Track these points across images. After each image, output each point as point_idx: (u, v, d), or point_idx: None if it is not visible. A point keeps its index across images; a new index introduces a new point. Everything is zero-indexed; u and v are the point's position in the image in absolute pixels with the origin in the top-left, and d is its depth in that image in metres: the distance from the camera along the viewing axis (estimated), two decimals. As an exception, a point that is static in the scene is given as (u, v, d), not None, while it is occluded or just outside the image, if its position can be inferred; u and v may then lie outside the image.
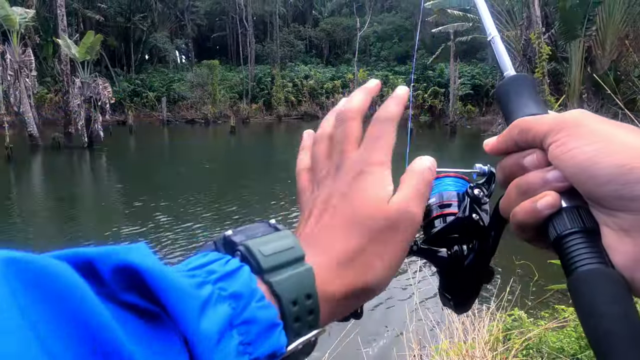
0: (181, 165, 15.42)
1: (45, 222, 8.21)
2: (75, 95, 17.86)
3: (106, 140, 19.01)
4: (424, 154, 0.36)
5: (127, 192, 10.90)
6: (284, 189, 10.67)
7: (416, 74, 36.82)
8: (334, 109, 0.43)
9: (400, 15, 44.61)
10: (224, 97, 35.03)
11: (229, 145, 21.51)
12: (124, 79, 35.14)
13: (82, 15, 32.35)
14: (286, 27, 44.86)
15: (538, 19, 9.12)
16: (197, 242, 6.65)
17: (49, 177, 13.40)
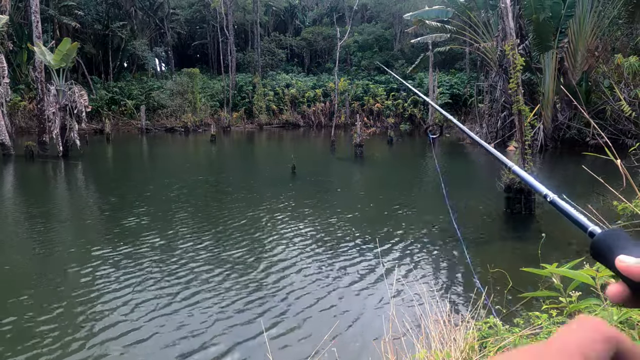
0: (160, 176, 15.19)
1: (12, 236, 7.93)
2: (50, 103, 17.42)
3: (82, 150, 18.59)
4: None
5: (102, 204, 10.64)
6: (263, 196, 10.60)
7: (396, 83, 37.36)
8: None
9: (380, 25, 45.29)
10: (204, 106, 34.75)
11: (209, 154, 21.29)
12: (101, 87, 34.51)
13: (58, 22, 31.73)
14: (267, 35, 44.98)
15: (512, 30, 9.36)
16: (175, 254, 6.52)
17: (20, 188, 12.98)
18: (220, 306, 4.60)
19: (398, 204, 9.92)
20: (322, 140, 27.29)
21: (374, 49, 43.79)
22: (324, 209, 9.51)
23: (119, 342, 4.02)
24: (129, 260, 6.15)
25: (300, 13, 50.81)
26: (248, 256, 6.35)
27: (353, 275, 5.58)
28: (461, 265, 6.08)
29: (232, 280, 5.40)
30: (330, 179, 14.45)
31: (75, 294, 5.06)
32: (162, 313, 4.56)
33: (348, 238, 7.18)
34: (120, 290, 5.08)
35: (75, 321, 4.41)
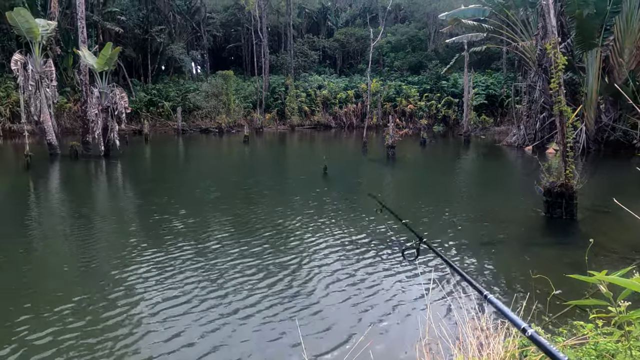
0: (196, 176, 15.58)
1: (58, 232, 8.32)
2: (93, 105, 18.22)
3: (122, 149, 19.33)
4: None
5: (139, 203, 11.02)
6: (295, 197, 10.66)
7: (430, 83, 36.78)
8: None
9: (414, 25, 44.71)
10: (238, 107, 35.39)
11: (243, 155, 21.64)
12: (140, 89, 35.78)
13: (101, 27, 33.15)
14: (300, 37, 45.31)
15: (554, 28, 9.00)
16: (210, 254, 6.66)
17: (66, 186, 13.63)
18: (256, 307, 4.64)
19: (432, 206, 9.74)
20: (353, 142, 27.20)
21: (407, 49, 43.29)
22: (356, 210, 9.46)
23: (159, 344, 4.13)
24: (167, 259, 6.33)
25: (332, 15, 50.90)
26: (282, 257, 6.40)
27: (388, 277, 5.52)
28: (500, 270, 5.89)
29: (267, 281, 5.45)
30: (362, 180, 14.38)
31: (115, 295, 5.25)
32: (198, 312, 4.66)
33: (383, 239, 7.11)
34: (158, 291, 5.22)
35: (115, 322, 4.57)
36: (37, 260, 6.50)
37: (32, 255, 6.81)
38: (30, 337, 4.11)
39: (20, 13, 16.87)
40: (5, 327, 4.25)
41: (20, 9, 17.15)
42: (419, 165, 18.12)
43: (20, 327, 4.27)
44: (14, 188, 12.74)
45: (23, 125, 19.05)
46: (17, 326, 4.26)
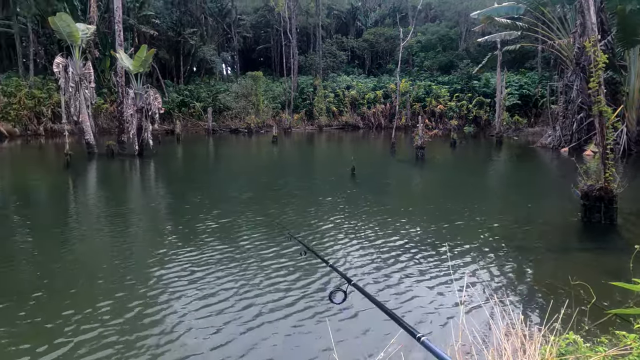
0: (226, 176, 15.85)
1: (96, 230, 8.64)
2: (128, 106, 18.85)
3: (155, 149, 19.88)
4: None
5: (173, 200, 11.31)
6: (327, 197, 10.68)
7: (460, 83, 36.08)
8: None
9: (445, 24, 44.00)
10: (267, 107, 35.78)
11: (271, 155, 21.87)
12: (173, 90, 36.73)
13: (137, 30, 34.25)
14: (329, 38, 45.38)
15: (594, 25, 8.66)
16: (240, 254, 6.76)
17: (102, 184, 14.15)
18: (289, 309, 4.66)
19: (464, 208, 9.55)
20: (382, 142, 27.01)
21: (437, 48, 42.65)
22: (385, 211, 9.39)
23: (192, 344, 4.23)
24: (201, 259, 6.47)
25: (362, 15, 50.72)
26: (316, 259, 6.42)
27: (420, 279, 5.45)
28: (537, 275, 5.72)
29: (300, 282, 5.48)
30: (391, 181, 14.25)
31: (152, 293, 5.40)
32: (231, 312, 4.74)
33: (413, 242, 7.03)
34: (193, 290, 5.34)
35: (152, 321, 4.71)
36: (77, 258, 6.77)
37: (72, 253, 7.10)
38: (74, 335, 4.28)
39: (62, 18, 17.62)
40: (49, 326, 4.43)
41: (62, 14, 17.92)
42: (450, 166, 17.79)
43: (64, 325, 4.44)
44: (55, 186, 13.34)
45: (63, 125, 19.90)
46: (60, 325, 4.44)
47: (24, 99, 27.85)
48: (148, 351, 3.93)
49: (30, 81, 29.47)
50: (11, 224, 8.64)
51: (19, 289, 5.32)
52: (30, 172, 16.00)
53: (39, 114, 28.60)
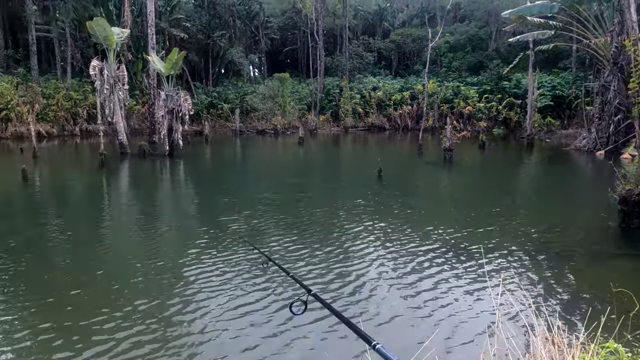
0: (253, 176, 16.05)
1: (129, 229, 8.91)
2: (160, 107, 19.34)
3: (184, 149, 20.32)
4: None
5: (202, 200, 11.55)
6: (356, 200, 10.67)
7: (490, 84, 35.33)
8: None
9: (474, 24, 43.20)
10: (293, 109, 36.01)
11: (297, 156, 21.99)
12: (202, 92, 37.46)
13: (168, 33, 35.12)
14: (356, 39, 45.28)
15: (634, 23, 8.34)
16: (274, 254, 6.83)
17: (135, 184, 14.59)
18: (322, 312, 4.69)
19: (496, 212, 9.36)
20: (408, 144, 26.75)
21: (466, 49, 41.90)
22: (415, 214, 9.30)
23: (223, 346, 4.31)
24: (231, 259, 6.58)
25: (389, 15, 50.39)
26: (348, 262, 6.44)
27: (458, 287, 5.38)
28: (576, 282, 5.54)
29: (333, 285, 5.50)
30: (419, 183, 14.10)
31: (185, 292, 5.53)
32: (263, 314, 4.80)
33: (446, 246, 6.94)
34: (225, 291, 5.44)
35: (187, 320, 4.82)
36: (113, 257, 7.00)
37: (109, 251, 7.35)
38: (111, 333, 4.44)
39: (99, 22, 18.27)
40: (82, 325, 4.59)
41: (99, 19, 18.57)
42: (479, 168, 17.44)
43: (100, 324, 4.60)
44: (91, 185, 13.84)
45: (98, 125, 20.61)
46: (95, 324, 4.60)
47: (62, 101, 28.99)
48: (185, 350, 4.03)
49: (68, 83, 30.67)
50: (51, 222, 9.02)
51: (58, 287, 5.55)
52: (68, 171, 16.65)
53: (75, 115, 29.71)
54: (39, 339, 4.16)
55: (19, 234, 7.88)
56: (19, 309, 4.81)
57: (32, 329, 4.33)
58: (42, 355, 3.89)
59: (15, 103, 26.81)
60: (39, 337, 4.19)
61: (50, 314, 4.66)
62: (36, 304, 4.90)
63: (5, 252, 6.77)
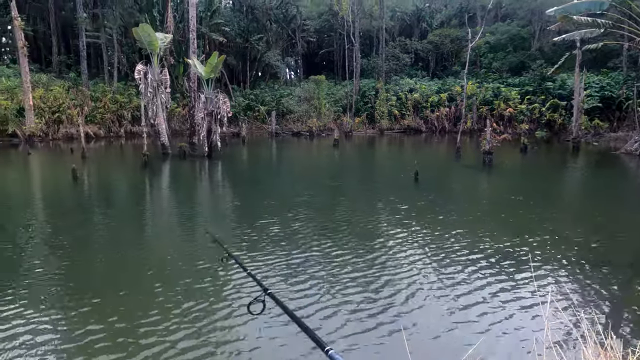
0: (288, 178, 16.22)
1: (169, 228, 9.21)
2: (199, 109, 19.92)
3: (222, 151, 20.80)
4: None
5: (240, 202, 11.78)
6: (393, 204, 10.58)
7: (533, 85, 34.09)
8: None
9: (516, 23, 41.82)
10: (328, 111, 36.13)
11: (332, 158, 22.02)
12: (239, 94, 38.26)
13: (207, 37, 36.12)
14: (392, 40, 44.91)
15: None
16: (313, 259, 6.88)
17: (175, 184, 15.07)
18: (360, 320, 4.67)
19: (539, 218, 9.00)
20: (445, 147, 26.21)
21: (507, 49, 40.62)
22: (454, 219, 9.10)
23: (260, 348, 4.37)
24: (270, 262, 6.68)
25: (427, 16, 49.63)
26: (388, 270, 6.40)
27: (499, 291, 5.23)
28: (627, 291, 5.25)
29: (366, 293, 5.48)
30: (457, 187, 13.79)
31: (224, 292, 5.66)
32: (301, 316, 4.84)
33: (488, 252, 6.76)
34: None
35: (230, 320, 4.93)
36: (156, 257, 7.26)
37: (151, 252, 7.63)
38: (165, 334, 4.60)
39: (144, 28, 19.03)
40: (132, 325, 4.80)
41: (144, 25, 19.35)
42: (520, 173, 16.83)
43: (151, 325, 4.79)
44: (135, 184, 14.44)
45: (142, 127, 21.44)
46: (143, 325, 4.80)
47: (108, 104, 30.40)
48: (233, 354, 4.13)
49: (114, 87, 32.13)
50: (98, 221, 9.48)
51: (107, 286, 5.81)
52: (114, 170, 17.44)
53: (120, 117, 31.06)
54: (88, 340, 4.37)
55: (68, 232, 8.31)
56: (68, 308, 5.07)
57: (81, 329, 4.54)
58: (91, 357, 4.09)
59: (67, 106, 28.36)
60: (88, 338, 4.39)
61: (98, 315, 4.88)
62: (85, 304, 5.12)
63: (55, 250, 7.17)
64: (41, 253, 6.88)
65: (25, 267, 6.18)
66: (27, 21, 32.36)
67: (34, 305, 4.92)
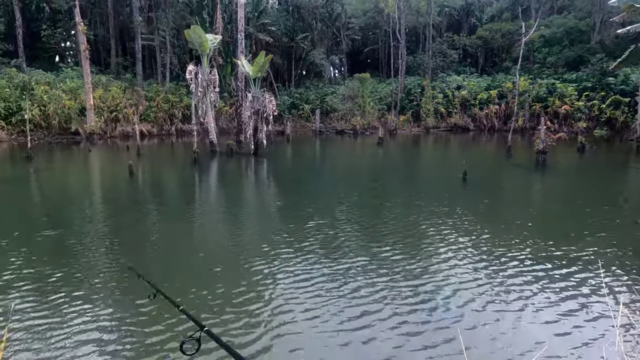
0: (332, 176, 16.24)
1: (217, 221, 9.49)
2: (246, 108, 20.38)
3: (268, 148, 21.18)
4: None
5: (283, 199, 11.94)
6: (433, 204, 10.35)
7: (592, 81, 32.09)
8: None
9: (574, 15, 39.50)
10: (372, 109, 35.82)
11: (377, 157, 21.82)
12: (284, 93, 38.77)
13: (254, 37, 36.85)
14: (439, 36, 43.81)
15: None
16: (342, 260, 6.88)
17: (223, 180, 15.54)
18: (414, 330, 4.59)
19: (604, 222, 8.46)
20: (495, 146, 25.24)
21: (563, 43, 38.44)
22: (507, 222, 8.75)
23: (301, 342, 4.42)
24: (311, 263, 6.74)
25: (477, 10, 47.98)
26: (431, 274, 6.28)
27: (566, 299, 5.00)
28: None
29: (417, 303, 5.39)
30: (510, 188, 13.25)
31: (264, 288, 5.77)
32: (352, 320, 4.85)
33: (551, 258, 6.46)
34: (304, 294, 5.58)
35: (269, 316, 5.02)
36: (206, 249, 7.52)
37: (202, 244, 7.90)
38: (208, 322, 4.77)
39: (195, 30, 19.71)
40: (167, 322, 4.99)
41: (196, 27, 20.03)
42: (578, 174, 15.88)
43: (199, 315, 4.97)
44: (186, 180, 15.02)
45: (192, 125, 22.24)
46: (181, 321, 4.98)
47: (161, 103, 31.80)
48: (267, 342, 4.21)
49: (166, 87, 33.54)
50: (153, 214, 9.94)
51: (164, 276, 6.09)
52: (167, 167, 18.23)
53: (172, 115, 32.40)
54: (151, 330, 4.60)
55: (121, 225, 8.77)
56: (127, 301, 5.36)
57: (138, 317, 4.80)
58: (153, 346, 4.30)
59: (123, 105, 29.95)
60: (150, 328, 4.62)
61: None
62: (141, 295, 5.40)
63: (114, 245, 7.59)
64: (102, 244, 7.33)
65: (90, 257, 6.61)
66: (88, 26, 34.48)
67: (93, 293, 5.25)
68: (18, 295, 5.19)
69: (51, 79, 30.06)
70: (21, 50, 30.27)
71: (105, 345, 4.09)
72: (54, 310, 4.80)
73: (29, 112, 23.69)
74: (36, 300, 5.06)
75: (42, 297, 5.12)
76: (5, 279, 5.69)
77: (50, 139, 26.84)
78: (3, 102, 26.17)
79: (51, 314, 4.70)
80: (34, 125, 26.40)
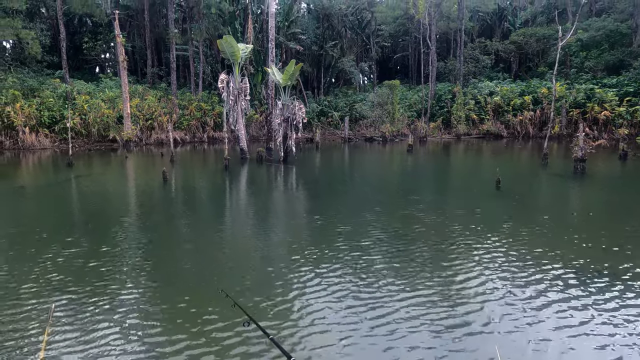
0: (361, 184, 16.18)
1: (245, 226, 9.61)
2: (276, 116, 20.65)
3: (297, 156, 21.35)
4: None
5: (309, 206, 11.96)
6: (467, 214, 10.12)
7: (634, 85, 30.73)
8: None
9: (614, 18, 38.02)
10: (402, 116, 35.53)
11: (406, 164, 21.58)
12: (313, 100, 39.04)
13: (284, 46, 37.37)
14: (471, 42, 43.12)
15: None
16: (370, 269, 6.82)
17: (253, 186, 15.74)
18: (440, 341, 4.54)
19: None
20: (530, 153, 24.48)
21: (602, 46, 37.03)
22: (543, 232, 8.46)
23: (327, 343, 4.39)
24: (334, 273, 6.72)
25: (510, 15, 46.97)
26: (460, 290, 6.16)
27: (604, 310, 4.79)
28: None
29: (448, 317, 5.29)
30: (546, 197, 12.81)
31: (285, 293, 5.79)
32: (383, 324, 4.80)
33: (591, 271, 6.21)
34: (329, 300, 5.57)
35: (290, 319, 5.03)
36: (237, 256, 7.62)
37: (233, 251, 8.01)
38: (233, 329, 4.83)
39: (227, 40, 20.18)
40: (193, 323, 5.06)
41: (228, 37, 20.51)
42: (620, 182, 15.16)
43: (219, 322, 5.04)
44: (218, 186, 15.31)
45: (223, 133, 22.71)
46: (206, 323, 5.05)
47: (194, 111, 32.67)
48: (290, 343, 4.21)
49: (199, 96, 34.46)
50: (185, 220, 10.18)
51: (194, 281, 6.21)
52: (199, 173, 18.65)
53: (204, 123, 33.22)
54: (175, 337, 4.69)
55: (157, 230, 9.01)
56: (156, 305, 5.50)
57: (168, 323, 4.90)
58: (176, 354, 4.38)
59: (158, 114, 30.95)
60: (174, 336, 4.72)
61: (184, 313, 5.23)
62: (171, 300, 5.52)
63: (144, 247, 7.81)
64: (137, 247, 7.56)
65: (127, 259, 6.83)
66: (127, 38, 35.94)
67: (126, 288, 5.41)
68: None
69: (91, 89, 31.48)
70: (65, 62, 31.86)
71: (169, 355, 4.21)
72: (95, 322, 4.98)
73: (70, 121, 24.85)
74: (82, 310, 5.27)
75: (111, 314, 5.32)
76: (53, 281, 5.97)
77: (90, 146, 28.02)
78: (47, 111, 27.57)
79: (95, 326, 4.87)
80: (75, 133, 27.67)
